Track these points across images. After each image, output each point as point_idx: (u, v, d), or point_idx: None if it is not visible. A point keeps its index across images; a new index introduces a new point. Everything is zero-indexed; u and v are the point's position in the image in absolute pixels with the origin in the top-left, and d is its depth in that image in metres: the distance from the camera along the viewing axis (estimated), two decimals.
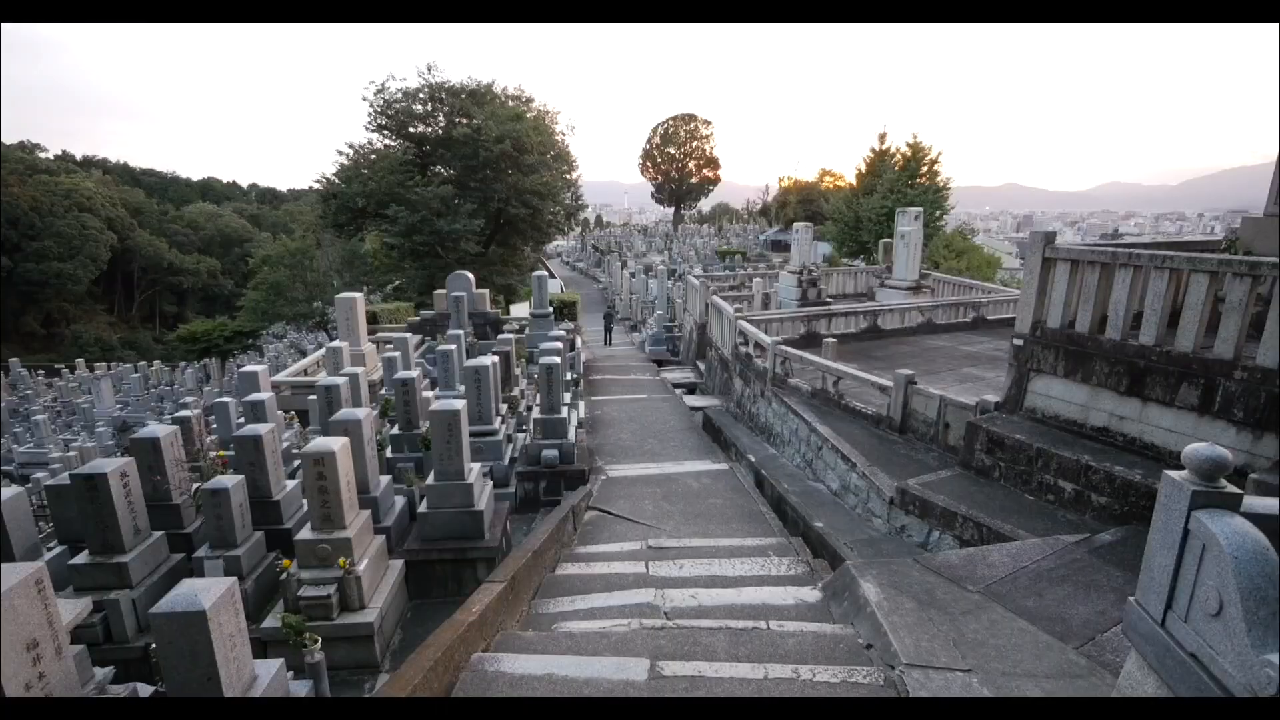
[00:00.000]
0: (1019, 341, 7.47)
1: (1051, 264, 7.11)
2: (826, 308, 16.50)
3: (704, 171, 68.28)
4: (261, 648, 5.13)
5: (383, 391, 11.60)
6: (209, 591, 3.58)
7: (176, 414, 9.04)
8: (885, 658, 3.98)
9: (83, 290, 59.27)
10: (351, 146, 27.76)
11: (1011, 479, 6.96)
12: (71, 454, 18.77)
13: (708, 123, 67.62)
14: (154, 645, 3.98)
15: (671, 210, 73.00)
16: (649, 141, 67.72)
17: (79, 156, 78.56)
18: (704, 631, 4.39)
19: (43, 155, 70.49)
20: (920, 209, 19.17)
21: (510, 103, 29.28)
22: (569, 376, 12.00)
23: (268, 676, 3.94)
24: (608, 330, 27.07)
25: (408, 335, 13.94)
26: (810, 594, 5.30)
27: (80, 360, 33.63)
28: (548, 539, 6.36)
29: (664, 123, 67.29)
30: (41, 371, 32.10)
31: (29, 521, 5.66)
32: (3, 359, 32.13)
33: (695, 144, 67.22)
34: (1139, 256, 6.23)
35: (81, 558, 5.62)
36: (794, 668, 3.85)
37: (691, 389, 17.99)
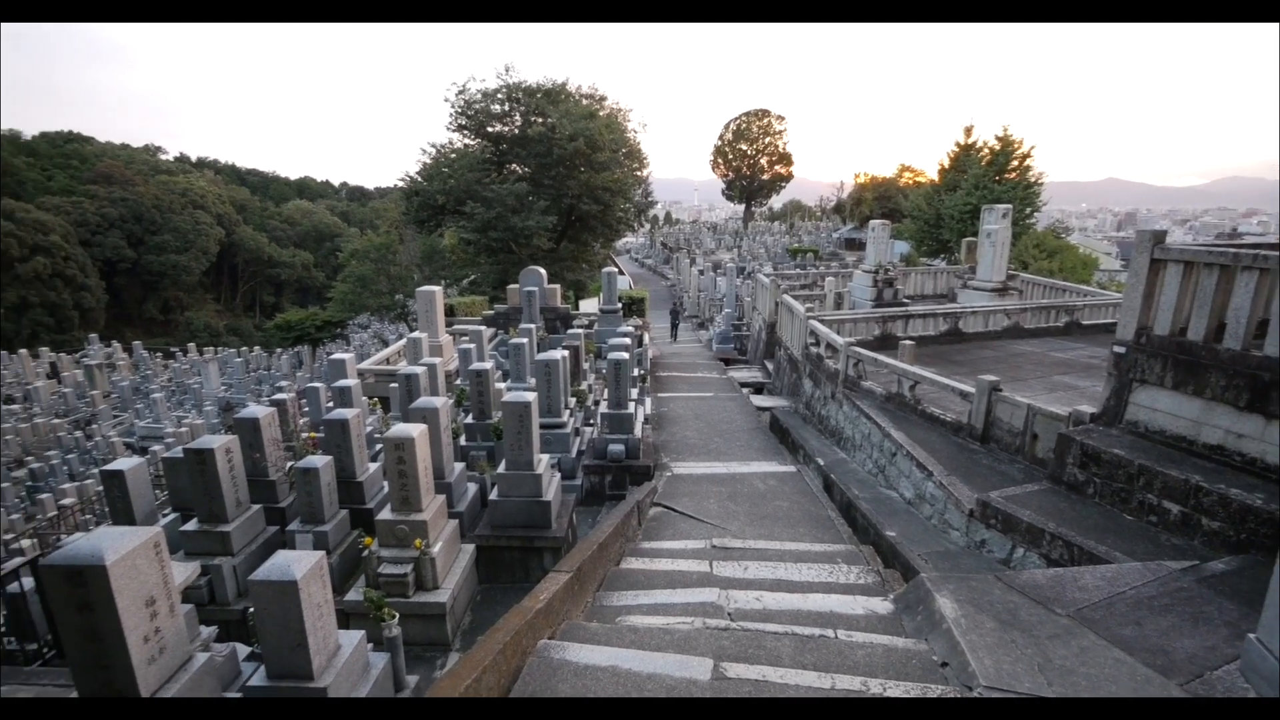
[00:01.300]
0: (1121, 349, 6.92)
1: (1161, 265, 6.54)
2: (903, 309, 15.85)
3: (776, 168, 66.96)
4: (344, 619, 5.45)
5: (458, 381, 12.06)
6: (300, 563, 3.83)
7: (273, 397, 9.70)
8: (962, 678, 3.79)
9: (195, 280, 64.74)
10: (434, 146, 28.97)
11: (1108, 497, 6.47)
12: (183, 430, 20.58)
13: (781, 118, 66.30)
14: (251, 609, 4.30)
15: (742, 207, 72.06)
16: (720, 138, 67.04)
17: (194, 158, 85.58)
18: (769, 635, 4.32)
19: (163, 157, 77.30)
20: (1009, 206, 18.10)
21: (584, 101, 29.72)
22: (636, 372, 12.07)
23: (350, 646, 4.18)
24: (674, 327, 27.06)
25: (482, 328, 14.43)
26: (881, 605, 5.11)
27: (192, 345, 36.79)
28: (613, 532, 6.42)
29: (736, 118, 66.45)
30: (159, 354, 35.33)
31: (148, 489, 6.25)
32: (128, 342, 35.55)
33: (768, 140, 66.01)
34: (1266, 258, 5.63)
35: (191, 525, 6.15)
36: (863, 680, 3.73)
37: (759, 388, 17.72)
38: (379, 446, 8.64)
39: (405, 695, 4.57)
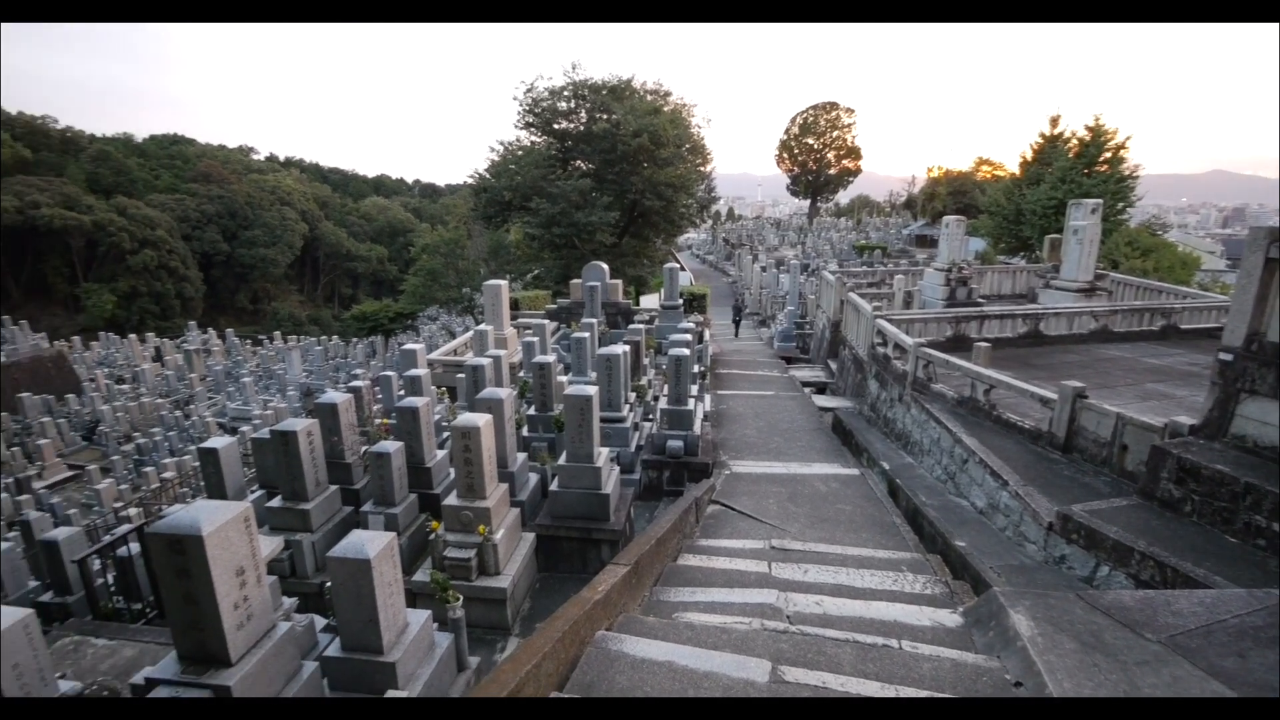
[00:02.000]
0: (1227, 356, 6.36)
1: (1277, 265, 5.96)
2: (978, 309, 15.12)
3: (844, 162, 64.99)
4: (411, 598, 5.68)
5: (521, 374, 12.35)
6: (373, 543, 4.01)
7: (350, 383, 10.22)
8: None
9: (281, 273, 68.98)
10: (502, 143, 29.67)
11: (1207, 516, 5.97)
12: (269, 412, 21.98)
13: (850, 111, 64.27)
14: (328, 584, 4.55)
15: (807, 203, 70.40)
16: (786, 132, 65.64)
17: (282, 158, 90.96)
18: (829, 641, 4.22)
19: (255, 157, 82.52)
20: (1098, 201, 16.92)
21: (648, 97, 29.72)
22: (696, 369, 12.02)
23: (417, 625, 4.37)
24: (737, 324, 26.78)
25: (545, 321, 14.71)
26: (949, 617, 4.90)
27: (277, 333, 39.19)
28: (670, 528, 6.43)
29: (803, 112, 64.88)
30: (249, 341, 37.85)
31: (238, 467, 6.71)
32: (222, 330, 38.25)
33: (836, 133, 64.13)
34: None
35: (275, 501, 6.55)
36: (929, 695, 3.58)
37: (821, 388, 17.31)
38: (446, 434, 8.95)
39: (467, 674, 4.72)
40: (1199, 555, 5.49)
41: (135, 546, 6.61)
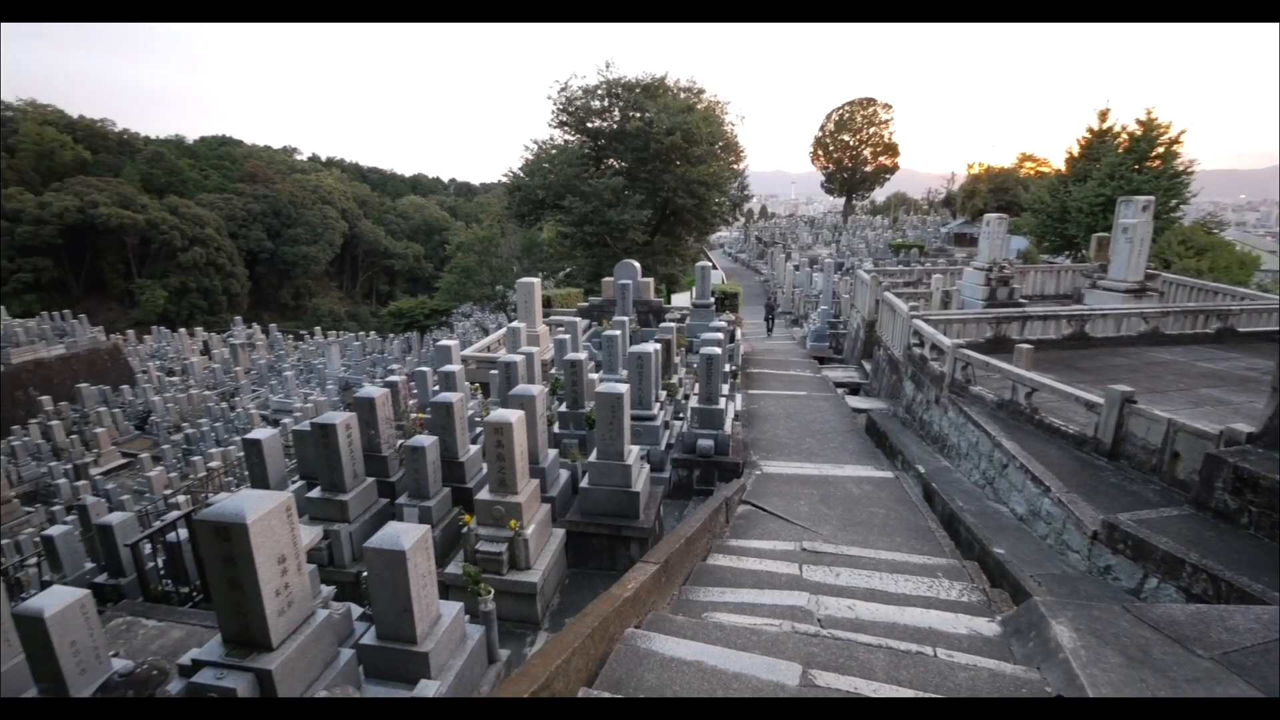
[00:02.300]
0: None
1: None
2: (1020, 309, 14.68)
3: (880, 159, 63.76)
4: (444, 590, 5.78)
5: (553, 370, 12.45)
6: (408, 535, 4.09)
7: (387, 378, 10.44)
8: None
9: (321, 270, 70.88)
10: (536, 142, 29.92)
11: (1266, 528, 5.69)
12: (309, 405, 22.61)
13: (888, 107, 62.99)
14: (365, 574, 4.66)
15: (841, 200, 69.30)
16: (821, 128, 64.69)
17: (324, 158, 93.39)
18: (861, 646, 4.15)
19: (298, 158, 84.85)
20: (1150, 198, 16.24)
21: (682, 95, 29.61)
22: (728, 368, 11.94)
23: (449, 616, 4.44)
24: (770, 322, 26.55)
25: (577, 319, 14.80)
26: (987, 626, 4.77)
27: (318, 328, 40.26)
28: (700, 527, 6.40)
29: (839, 108, 63.83)
30: (291, 336, 38.96)
31: (280, 458, 6.91)
32: (265, 325, 39.49)
33: (872, 130, 62.94)
34: None
35: (315, 492, 6.73)
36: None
37: (855, 389, 17.04)
38: (479, 430, 9.08)
39: (498, 666, 4.78)
40: (1256, 569, 5.24)
41: (184, 532, 6.88)
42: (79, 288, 55.48)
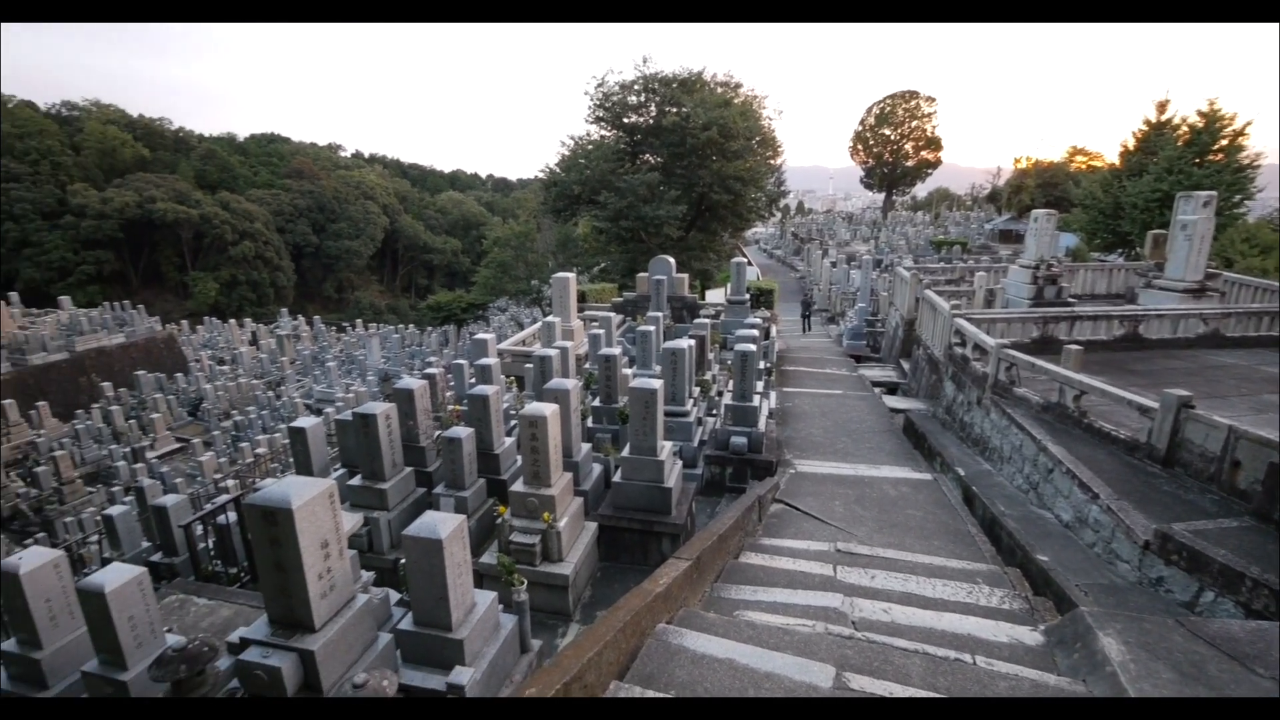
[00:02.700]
0: None
1: None
2: (1068, 309, 14.16)
3: (922, 153, 62.04)
4: (478, 579, 5.88)
5: (587, 365, 12.52)
6: (445, 524, 4.17)
7: (425, 370, 10.65)
8: None
9: (363, 264, 72.66)
10: (572, 138, 30.05)
11: None
12: (350, 395, 23.23)
13: (931, 100, 61.24)
14: (403, 561, 4.77)
15: (881, 196, 67.80)
16: (862, 122, 63.30)
17: (366, 154, 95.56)
18: (897, 651, 4.07)
19: (342, 154, 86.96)
20: (1212, 193, 15.42)
21: (718, 89, 29.35)
22: (762, 365, 11.83)
23: (484, 605, 4.51)
24: (806, 319, 26.21)
25: (611, 314, 14.85)
26: (1029, 635, 4.63)
27: (359, 321, 41.29)
28: (733, 525, 6.37)
29: (880, 101, 62.36)
30: (334, 328, 40.08)
31: (323, 446, 7.12)
32: (310, 316, 40.70)
33: (915, 124, 61.27)
34: None
35: (356, 480, 6.92)
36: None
37: (892, 389, 16.69)
38: (514, 422, 9.19)
39: (530, 656, 4.85)
40: None
41: (233, 515, 7.16)
42: (138, 279, 58.07)
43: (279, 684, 3.56)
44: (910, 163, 62.42)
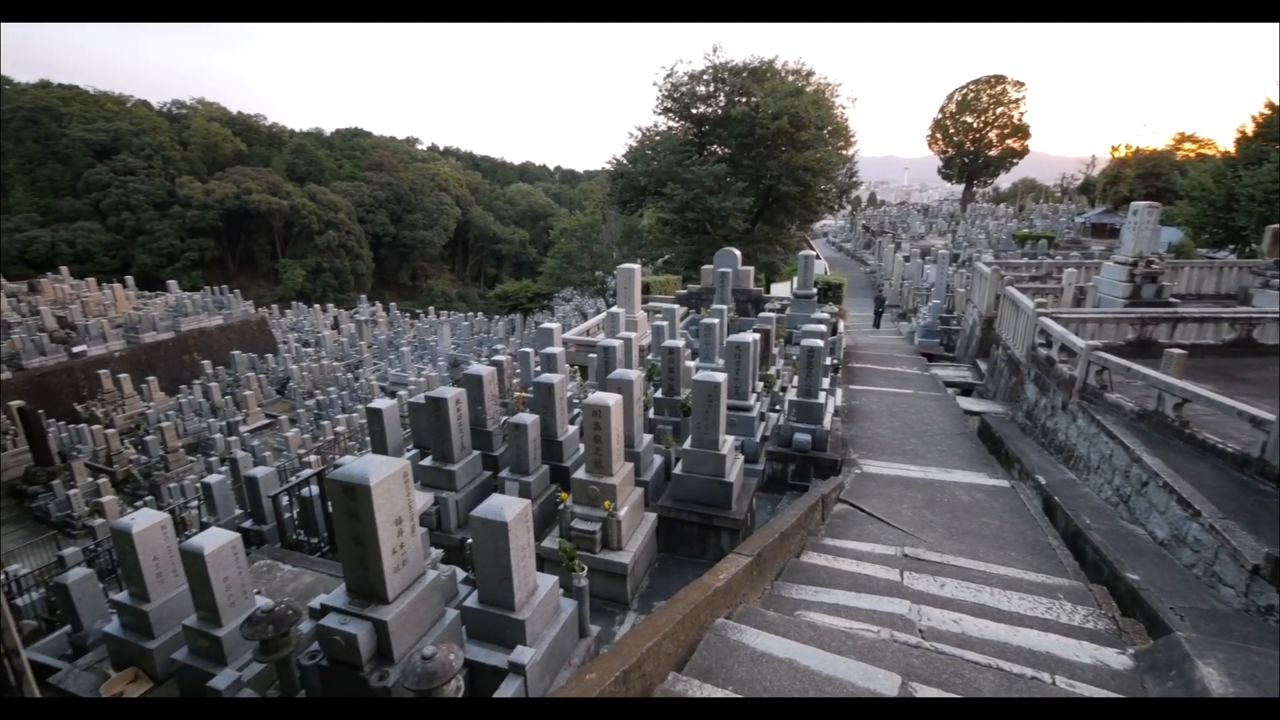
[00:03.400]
0: None
1: None
2: (1171, 309, 13.08)
3: (1008, 141, 58.41)
4: (539, 563, 6.02)
5: (649, 357, 12.55)
6: (511, 507, 4.28)
7: (493, 357, 10.96)
8: None
9: (436, 253, 75.47)
10: (640, 129, 30.06)
11: None
12: (422, 379, 24.21)
13: (1020, 84, 57.50)
14: (469, 541, 4.94)
15: (960, 188, 64.43)
16: (942, 110, 60.21)
17: (441, 147, 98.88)
18: (968, 664, 3.90)
19: (419, 147, 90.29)
20: None
21: (790, 78, 28.63)
22: (829, 361, 11.52)
23: (545, 588, 4.61)
24: (878, 315, 25.35)
25: (675, 306, 14.80)
26: (1116, 658, 4.33)
27: (431, 308, 42.91)
28: (795, 523, 6.25)
29: (963, 88, 59.08)
30: (408, 314, 41.82)
31: (398, 427, 7.45)
32: (386, 303, 42.67)
33: (1000, 110, 57.70)
34: None
35: (426, 461, 7.21)
36: None
37: (967, 390, 15.91)
38: (577, 411, 9.33)
39: (588, 641, 4.92)
40: None
41: (315, 489, 7.61)
42: (235, 265, 62.46)
43: (355, 650, 3.76)
44: (994, 152, 58.95)
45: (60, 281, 32.80)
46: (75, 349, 24.93)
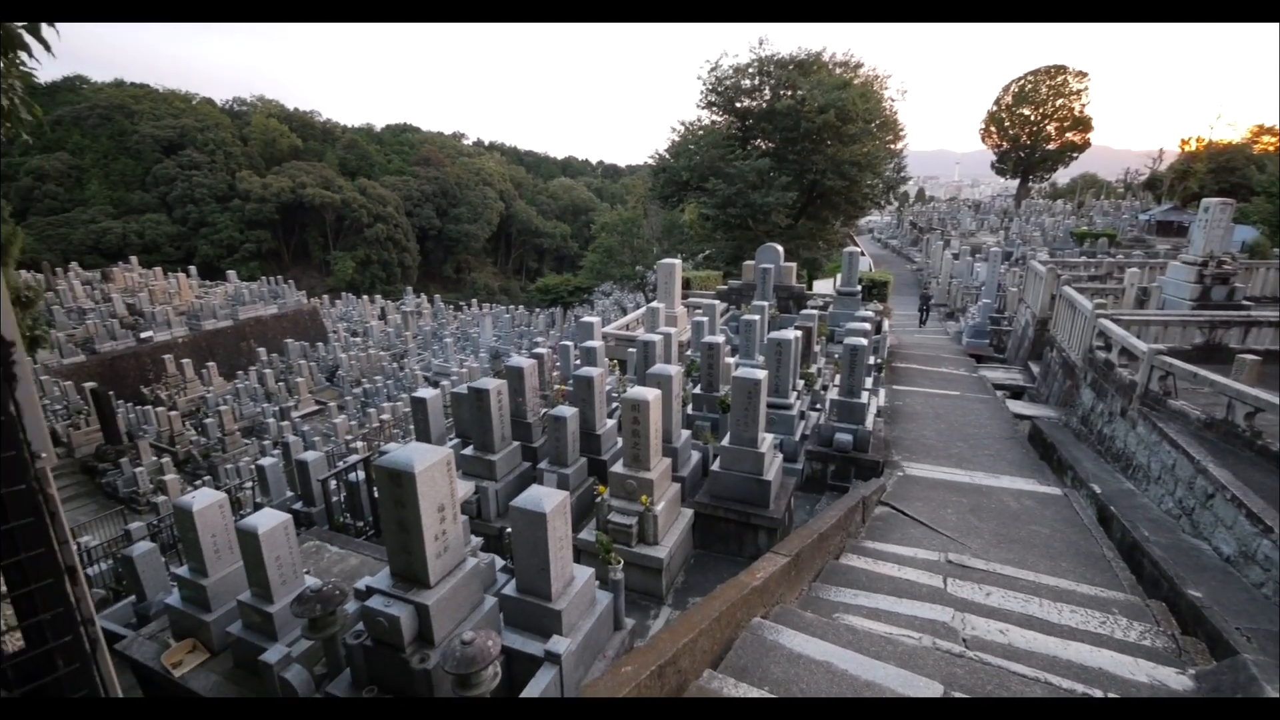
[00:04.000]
0: None
1: None
2: (1244, 312, 12.34)
3: (1067, 135, 55.75)
4: (576, 555, 6.08)
5: (689, 352, 12.51)
6: (550, 499, 4.32)
7: (534, 350, 11.09)
8: None
9: (479, 247, 76.80)
10: (683, 123, 29.86)
11: None
12: (464, 370, 24.71)
13: (1081, 75, 54.75)
14: (508, 530, 5.02)
15: (1014, 183, 61.95)
16: (997, 102, 57.89)
17: (486, 142, 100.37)
18: (1015, 677, 3.77)
19: (465, 142, 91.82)
20: None
21: (837, 70, 27.99)
22: (872, 360, 11.27)
23: (581, 580, 4.65)
24: (924, 313, 24.68)
25: (715, 302, 14.69)
26: (1175, 678, 4.12)
27: (474, 300, 43.71)
28: (835, 525, 6.15)
29: (1020, 78, 56.64)
30: (452, 306, 42.71)
31: (441, 416, 7.61)
32: (431, 295, 43.66)
33: (1060, 102, 55.07)
34: None
35: (468, 450, 7.35)
36: None
37: (1018, 393, 15.36)
38: (615, 405, 9.36)
39: (623, 634, 4.95)
40: None
41: (361, 474, 7.85)
42: (289, 257, 64.86)
43: (397, 632, 3.87)
44: (1052, 145, 56.40)
45: (130, 270, 34.68)
46: (143, 335, 26.33)
